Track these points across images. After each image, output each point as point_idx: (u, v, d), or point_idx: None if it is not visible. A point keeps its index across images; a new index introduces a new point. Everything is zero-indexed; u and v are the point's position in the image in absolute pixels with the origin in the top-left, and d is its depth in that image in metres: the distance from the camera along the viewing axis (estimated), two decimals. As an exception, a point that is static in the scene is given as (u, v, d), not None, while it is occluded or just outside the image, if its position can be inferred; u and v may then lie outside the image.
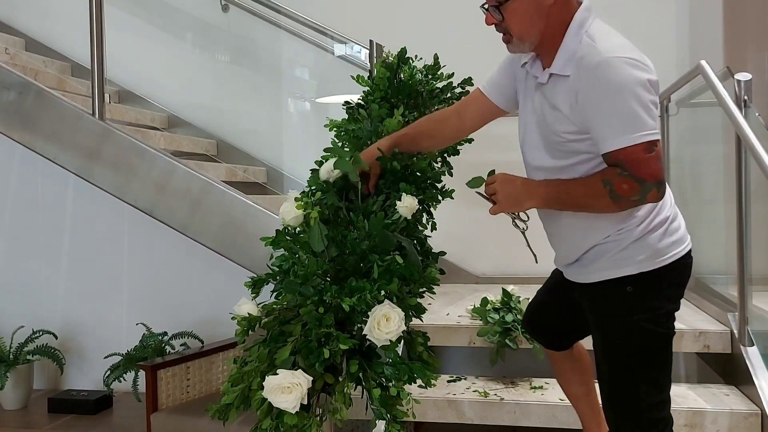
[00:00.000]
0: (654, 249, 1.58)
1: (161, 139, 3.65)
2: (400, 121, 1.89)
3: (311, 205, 1.62)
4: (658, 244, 1.58)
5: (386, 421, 1.50)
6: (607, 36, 1.57)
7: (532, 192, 1.58)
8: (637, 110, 1.44)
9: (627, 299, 1.61)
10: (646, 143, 1.43)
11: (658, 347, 1.63)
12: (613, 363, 1.67)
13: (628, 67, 1.46)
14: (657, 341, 1.63)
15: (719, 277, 2.82)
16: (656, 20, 3.62)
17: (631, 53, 1.49)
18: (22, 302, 4.14)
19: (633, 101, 1.44)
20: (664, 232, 1.59)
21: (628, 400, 1.64)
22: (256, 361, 1.48)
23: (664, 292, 1.62)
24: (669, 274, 1.60)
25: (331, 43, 3.90)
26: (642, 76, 1.46)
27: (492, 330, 2.43)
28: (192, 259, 3.88)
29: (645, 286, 1.60)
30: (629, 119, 1.44)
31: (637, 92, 1.44)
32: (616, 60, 1.47)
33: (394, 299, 1.52)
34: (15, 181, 4.17)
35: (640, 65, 1.47)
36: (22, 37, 4.35)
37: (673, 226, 1.61)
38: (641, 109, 1.44)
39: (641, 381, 1.62)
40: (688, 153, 3.32)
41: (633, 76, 1.45)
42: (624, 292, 1.61)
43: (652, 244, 1.58)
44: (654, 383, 1.62)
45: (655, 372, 1.62)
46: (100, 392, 3.76)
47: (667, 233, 1.60)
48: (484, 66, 2.48)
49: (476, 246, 3.66)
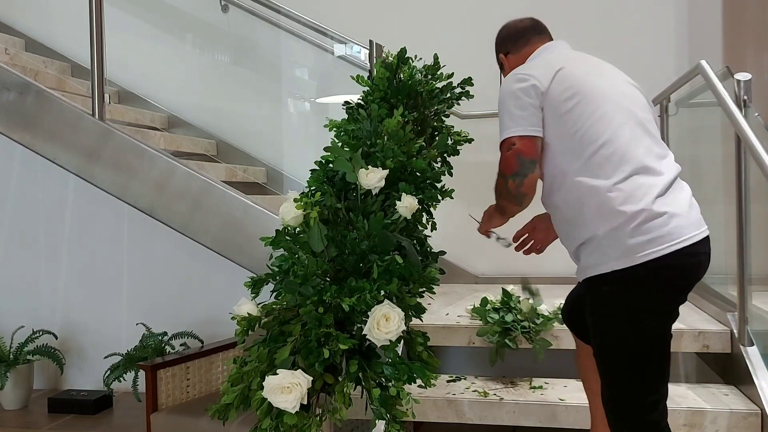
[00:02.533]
0: (626, 246, 1.56)
1: (161, 139, 3.65)
2: (399, 121, 1.89)
3: (311, 205, 1.63)
4: (629, 241, 1.56)
5: (386, 421, 1.50)
6: (532, 60, 1.91)
7: (488, 212, 1.95)
8: (503, 116, 1.77)
9: (604, 298, 1.63)
10: (503, 142, 1.75)
11: (641, 350, 1.62)
12: (601, 361, 1.69)
13: (508, 82, 1.79)
14: (636, 344, 1.61)
15: (719, 276, 2.82)
16: (656, 20, 3.63)
17: (523, 69, 1.80)
18: (22, 302, 4.14)
19: (502, 109, 1.78)
20: (635, 229, 1.56)
21: (616, 400, 1.67)
22: (256, 361, 1.48)
23: (646, 294, 1.59)
24: (649, 275, 1.57)
25: (331, 43, 3.90)
26: (513, 87, 1.75)
27: (491, 330, 2.43)
28: (192, 260, 3.88)
29: (621, 286, 1.59)
30: (500, 124, 1.78)
31: (505, 101, 1.76)
32: (508, 77, 1.82)
33: (394, 299, 1.52)
34: (15, 181, 4.17)
35: (520, 76, 1.76)
36: (22, 38, 4.35)
37: (651, 224, 1.56)
38: (506, 115, 1.76)
39: (626, 382, 1.63)
40: (687, 153, 3.32)
41: (506, 88, 1.77)
42: (601, 291, 1.63)
43: (623, 242, 1.57)
44: (639, 385, 1.62)
45: (640, 374, 1.62)
46: (100, 392, 3.76)
47: (641, 231, 1.56)
48: (484, 66, 2.49)
49: (476, 246, 3.63)
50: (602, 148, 1.63)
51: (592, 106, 1.68)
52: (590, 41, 3.65)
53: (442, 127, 2.21)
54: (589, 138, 1.64)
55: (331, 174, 1.79)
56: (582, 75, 1.74)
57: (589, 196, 1.62)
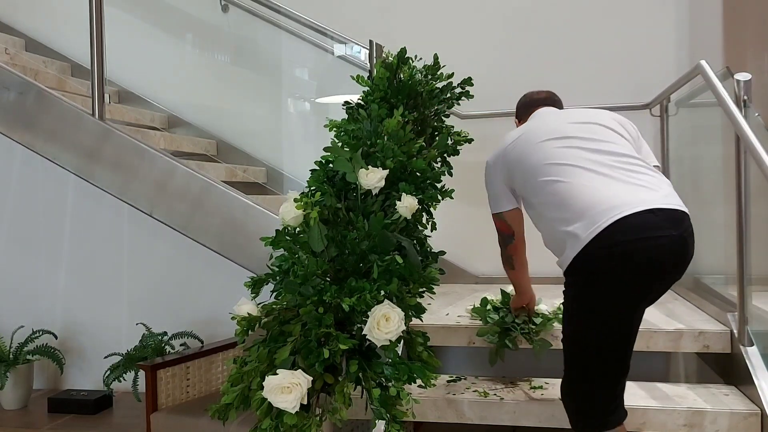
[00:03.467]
0: (560, 247, 1.79)
1: (161, 139, 3.65)
2: (399, 121, 1.89)
3: (311, 205, 1.63)
4: (563, 243, 1.77)
5: (386, 421, 1.50)
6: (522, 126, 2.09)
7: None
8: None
9: (564, 296, 1.86)
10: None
11: (584, 347, 1.80)
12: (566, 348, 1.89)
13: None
14: (578, 341, 1.81)
15: (719, 277, 2.82)
16: (656, 20, 3.63)
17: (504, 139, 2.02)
18: (22, 302, 4.14)
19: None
20: (563, 231, 1.77)
21: (565, 392, 1.90)
22: (256, 361, 1.48)
23: (580, 289, 1.78)
24: (577, 270, 1.75)
25: (331, 44, 3.90)
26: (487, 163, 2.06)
27: (491, 330, 2.43)
28: (192, 260, 3.88)
29: (568, 284, 1.82)
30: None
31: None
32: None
33: (394, 299, 1.52)
34: (15, 181, 4.17)
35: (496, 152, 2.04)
36: (22, 37, 4.35)
37: (571, 229, 1.74)
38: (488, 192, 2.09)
39: (574, 377, 1.86)
40: (687, 153, 3.32)
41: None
42: (564, 289, 1.85)
43: (559, 243, 1.80)
44: (583, 381, 1.83)
45: (582, 370, 1.82)
46: (100, 392, 3.76)
47: (565, 233, 1.75)
48: (484, 66, 2.49)
49: (476, 246, 3.65)
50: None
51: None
52: (590, 41, 3.66)
53: (442, 127, 2.22)
54: None
55: (331, 174, 1.79)
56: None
57: None
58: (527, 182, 1.91)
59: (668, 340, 2.41)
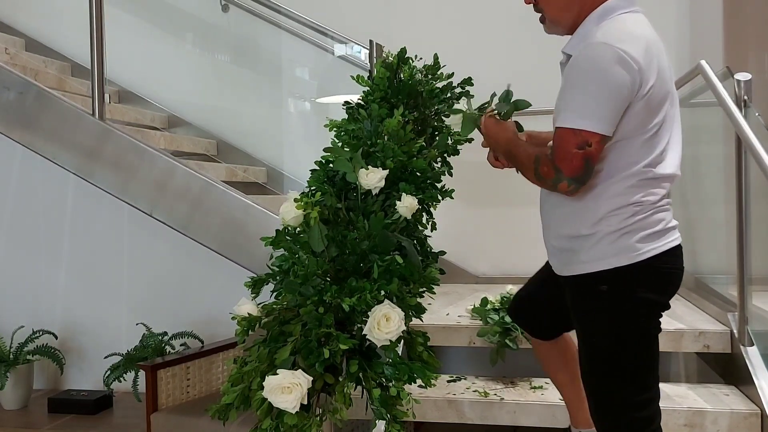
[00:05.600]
0: (626, 244, 1.55)
1: (161, 139, 3.65)
2: (399, 121, 1.89)
3: (311, 205, 1.63)
4: (631, 239, 1.55)
5: (386, 421, 1.50)
6: (622, 25, 1.51)
7: (500, 134, 1.69)
8: (589, 97, 1.42)
9: (601, 296, 1.60)
10: (576, 133, 1.43)
11: (635, 346, 1.60)
12: (591, 358, 1.66)
13: (610, 57, 1.42)
14: (632, 340, 1.60)
15: (719, 277, 2.82)
16: (656, 20, 3.58)
17: (625, 45, 1.44)
18: (22, 302, 4.14)
19: (593, 86, 1.42)
20: (638, 228, 1.55)
21: (604, 397, 1.64)
22: (256, 361, 1.48)
23: (640, 292, 1.58)
24: (645, 273, 1.56)
25: (331, 43, 3.90)
26: (614, 70, 1.42)
27: (492, 330, 2.43)
28: (192, 259, 3.88)
29: (619, 284, 1.58)
30: (579, 101, 1.44)
31: (600, 80, 1.42)
32: (604, 46, 1.44)
33: (394, 299, 1.52)
34: (15, 181, 4.17)
35: (624, 61, 1.43)
36: (22, 37, 4.35)
37: (649, 221, 1.56)
38: (592, 99, 1.42)
39: (617, 378, 1.61)
40: (687, 153, 3.30)
41: (602, 64, 1.42)
42: (597, 290, 1.60)
43: (625, 239, 1.55)
44: (631, 382, 1.60)
45: (632, 370, 1.60)
46: (100, 392, 3.76)
47: (641, 228, 1.55)
48: (484, 65, 2.49)
49: (476, 246, 3.66)
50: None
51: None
52: (590, 41, 3.66)
53: (443, 127, 2.21)
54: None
55: (331, 174, 1.79)
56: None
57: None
58: (636, 137, 1.51)
59: (669, 340, 2.41)
